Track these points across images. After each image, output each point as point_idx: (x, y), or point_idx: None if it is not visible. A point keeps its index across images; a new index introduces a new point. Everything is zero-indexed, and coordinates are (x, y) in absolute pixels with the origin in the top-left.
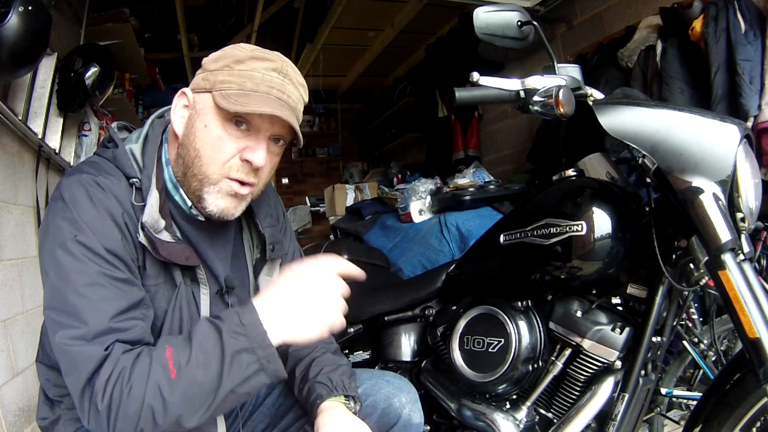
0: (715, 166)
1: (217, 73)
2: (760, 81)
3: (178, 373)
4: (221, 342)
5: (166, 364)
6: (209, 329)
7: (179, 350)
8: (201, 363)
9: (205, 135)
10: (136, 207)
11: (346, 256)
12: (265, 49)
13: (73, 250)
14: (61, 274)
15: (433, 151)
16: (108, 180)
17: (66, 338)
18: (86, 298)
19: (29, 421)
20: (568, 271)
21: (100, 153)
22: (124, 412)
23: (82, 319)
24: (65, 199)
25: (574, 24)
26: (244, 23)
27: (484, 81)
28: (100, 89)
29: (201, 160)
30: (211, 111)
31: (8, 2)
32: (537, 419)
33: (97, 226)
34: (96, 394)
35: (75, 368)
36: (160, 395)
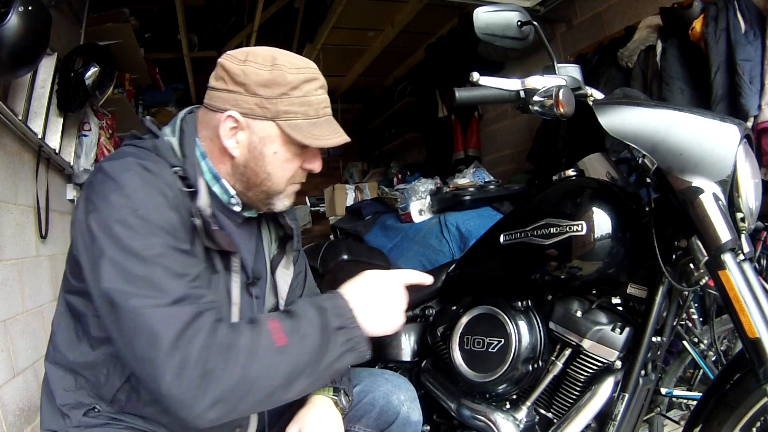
0: (715, 166)
1: (277, 102)
2: (760, 81)
3: (288, 341)
4: (324, 319)
5: (274, 334)
6: (312, 306)
7: (285, 321)
8: (308, 334)
9: (275, 160)
10: (184, 193)
11: (346, 256)
12: (288, 52)
13: (134, 224)
14: (124, 247)
15: (433, 151)
16: (156, 165)
17: (142, 305)
18: (157, 266)
19: (29, 421)
20: (568, 271)
21: (136, 144)
22: (223, 379)
23: (157, 288)
24: (115, 178)
25: (574, 24)
26: (244, 23)
27: (484, 81)
28: (100, 89)
29: (272, 180)
30: (278, 139)
31: (8, 2)
32: (537, 419)
33: (154, 203)
34: (188, 360)
35: (154, 332)
36: (267, 362)
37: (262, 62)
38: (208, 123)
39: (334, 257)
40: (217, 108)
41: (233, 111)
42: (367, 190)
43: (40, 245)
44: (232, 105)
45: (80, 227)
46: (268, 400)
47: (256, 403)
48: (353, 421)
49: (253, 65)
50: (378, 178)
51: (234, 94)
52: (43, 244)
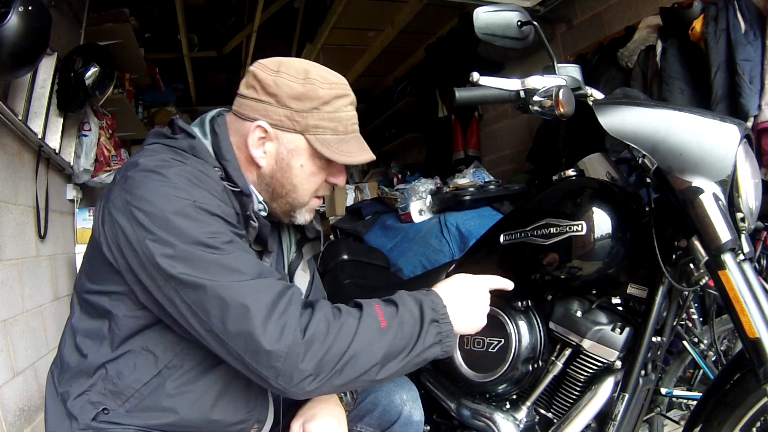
0: (715, 166)
1: (307, 116)
2: (760, 81)
3: (389, 324)
4: (422, 310)
5: (377, 315)
6: (411, 297)
7: (386, 307)
8: (407, 321)
9: (301, 173)
10: (229, 192)
11: (346, 256)
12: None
13: (193, 215)
14: (188, 239)
15: (433, 151)
16: (200, 165)
17: (225, 284)
18: (229, 252)
19: (29, 421)
20: (568, 271)
21: (169, 143)
22: (326, 347)
23: (236, 270)
24: (160, 172)
25: (574, 24)
26: (244, 23)
27: (484, 81)
28: (100, 89)
29: (297, 192)
30: (306, 152)
31: (8, 2)
32: (537, 419)
33: (207, 195)
34: (288, 325)
35: (245, 306)
36: (368, 341)
37: (295, 74)
38: (237, 130)
39: (334, 257)
40: (246, 117)
41: (263, 121)
42: (367, 190)
43: (40, 245)
44: (262, 115)
45: (122, 225)
46: (361, 378)
47: (351, 379)
48: (355, 421)
49: (286, 77)
50: (378, 178)
51: (264, 104)
52: (43, 244)
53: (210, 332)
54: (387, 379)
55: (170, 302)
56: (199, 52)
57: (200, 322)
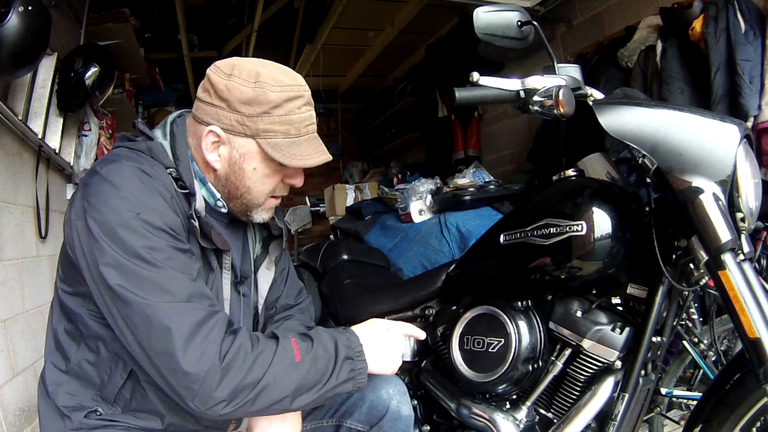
0: (715, 166)
1: (257, 120)
2: (760, 81)
3: (302, 358)
4: (336, 347)
5: (292, 350)
6: (327, 334)
7: (301, 342)
8: (320, 357)
9: (254, 175)
10: (179, 194)
11: (346, 256)
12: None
13: (137, 228)
14: (129, 251)
15: (433, 151)
16: (152, 168)
17: (153, 303)
18: (164, 269)
19: (29, 421)
20: (568, 271)
21: (130, 146)
22: (242, 375)
23: (167, 290)
24: (112, 181)
25: (574, 24)
26: (244, 23)
27: (484, 81)
28: (100, 89)
29: (252, 193)
30: (258, 156)
31: (8, 2)
32: (537, 419)
33: (154, 205)
34: (207, 351)
35: (168, 328)
36: (281, 373)
37: (246, 78)
38: (195, 132)
39: (334, 257)
40: (201, 120)
41: (215, 126)
42: (367, 190)
43: (40, 245)
44: (215, 119)
45: (78, 229)
46: (273, 407)
47: (264, 407)
48: (345, 417)
49: (237, 81)
50: (378, 178)
51: (217, 108)
52: (43, 244)
53: (138, 345)
54: (302, 408)
55: (108, 311)
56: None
57: (131, 333)
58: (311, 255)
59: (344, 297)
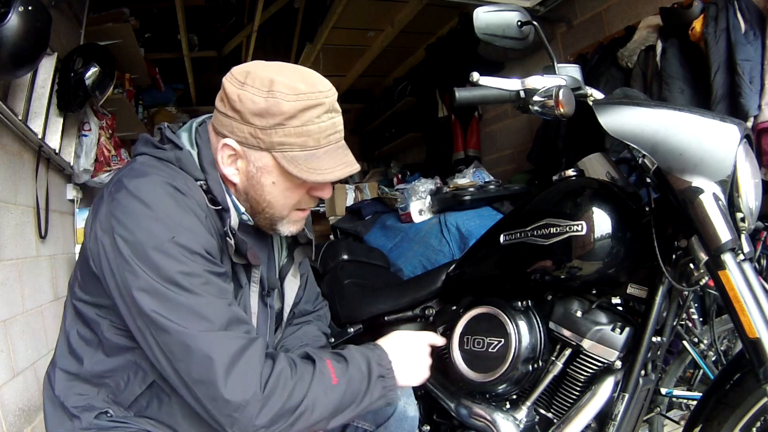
0: (715, 166)
1: (270, 132)
2: (760, 81)
3: (339, 381)
4: (369, 366)
5: (329, 372)
6: (359, 354)
7: (337, 364)
8: (355, 377)
9: (274, 189)
10: (212, 211)
11: (346, 256)
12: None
13: (173, 252)
14: (164, 276)
15: (433, 151)
16: (184, 184)
17: (192, 331)
18: (201, 296)
19: (29, 421)
20: (568, 271)
21: (158, 155)
22: (284, 400)
23: (205, 318)
24: (145, 200)
25: (574, 24)
26: (244, 23)
27: (484, 81)
28: (100, 89)
29: (274, 207)
30: (275, 170)
31: (8, 2)
32: (537, 419)
33: (190, 226)
34: (249, 380)
35: (209, 357)
36: (319, 397)
37: (259, 87)
38: (215, 144)
39: (334, 257)
40: (218, 132)
41: (230, 138)
42: (367, 190)
43: (40, 245)
44: (230, 131)
45: (105, 246)
46: (311, 428)
47: (301, 429)
48: None
49: (249, 90)
50: (378, 178)
51: (231, 120)
52: (43, 244)
53: (174, 371)
54: (335, 426)
55: (141, 335)
56: (199, 52)
57: (167, 361)
58: None
59: (344, 297)
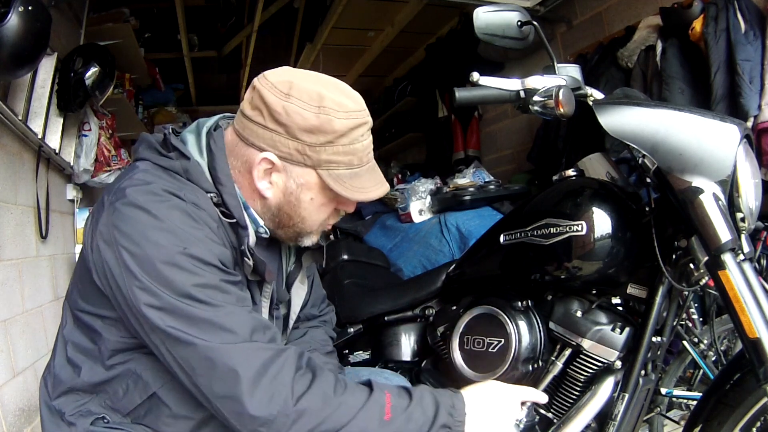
0: (715, 166)
1: (320, 150)
2: (760, 81)
3: (392, 417)
4: (436, 412)
5: (384, 405)
6: (429, 395)
7: (397, 398)
8: (415, 419)
9: (311, 206)
10: (224, 223)
11: (346, 256)
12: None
13: (185, 264)
14: (179, 291)
15: (433, 151)
16: (194, 195)
17: (214, 345)
18: (221, 307)
19: (29, 421)
20: (568, 271)
21: (162, 164)
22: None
23: (227, 330)
24: (150, 211)
25: (574, 24)
26: (244, 23)
27: (484, 81)
28: (100, 89)
29: (306, 223)
30: (317, 186)
31: (8, 2)
32: (537, 419)
33: (201, 237)
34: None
35: (234, 371)
36: (365, 428)
37: (308, 101)
38: (240, 154)
39: (334, 257)
40: (251, 143)
41: (270, 153)
42: None
43: (40, 245)
44: (270, 145)
45: (107, 260)
46: None
47: None
48: None
49: (298, 104)
50: None
51: (272, 133)
52: (43, 244)
53: (196, 387)
54: None
55: (157, 349)
56: (199, 52)
57: (186, 376)
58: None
59: (344, 297)
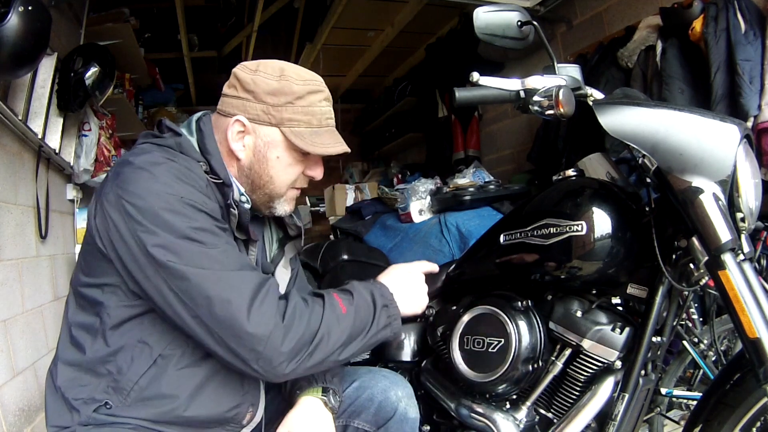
0: (715, 166)
1: (281, 109)
2: (760, 81)
3: (348, 310)
4: (373, 296)
5: (338, 303)
6: (362, 286)
7: (344, 296)
8: (362, 306)
9: (278, 164)
10: (213, 184)
11: (346, 256)
12: (299, 67)
13: (181, 209)
14: (177, 232)
15: (433, 151)
16: (186, 162)
17: (209, 275)
18: (214, 246)
19: (29, 421)
20: (568, 271)
21: (157, 142)
22: (301, 332)
23: (218, 261)
24: (149, 169)
25: (574, 24)
26: (244, 23)
27: (484, 81)
28: (100, 89)
29: (275, 182)
30: (282, 144)
31: (8, 2)
32: (537, 419)
33: (193, 191)
34: (267, 314)
35: (227, 298)
36: (332, 325)
37: (271, 72)
38: (220, 127)
39: (334, 257)
40: (227, 113)
41: (241, 116)
42: (367, 190)
43: (40, 245)
44: (241, 111)
45: (114, 219)
46: (327, 359)
47: (319, 360)
48: (352, 417)
49: (263, 75)
50: (378, 178)
51: (243, 100)
52: (43, 244)
53: (196, 318)
54: (347, 359)
55: (158, 292)
56: (199, 52)
57: (187, 309)
58: (311, 255)
59: None
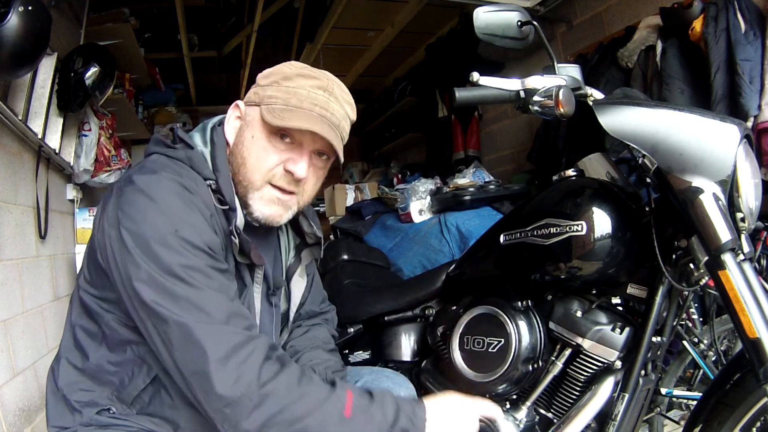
0: (715, 166)
1: (267, 88)
2: (760, 81)
3: (353, 416)
4: (396, 416)
5: (344, 402)
6: (391, 399)
7: (360, 398)
8: (374, 420)
9: (251, 144)
10: (219, 210)
11: (346, 256)
12: (314, 68)
13: (174, 245)
14: (165, 268)
15: (433, 151)
16: (192, 182)
17: (189, 322)
18: (201, 290)
19: (29, 421)
20: (568, 271)
21: (168, 153)
22: (275, 412)
23: (203, 311)
24: (151, 195)
25: (574, 24)
26: (244, 23)
27: (484, 81)
28: (100, 89)
29: (246, 167)
30: (257, 123)
31: (8, 2)
32: (537, 419)
33: (193, 222)
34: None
35: (203, 349)
36: (326, 422)
37: (278, 66)
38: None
39: (334, 257)
40: None
41: (240, 102)
42: (367, 190)
43: (40, 245)
44: (243, 99)
45: (111, 239)
46: None
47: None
48: None
49: (270, 70)
50: (378, 178)
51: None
52: (43, 245)
53: (173, 362)
54: None
55: (143, 324)
56: (199, 52)
57: (166, 350)
58: None
59: (344, 297)
